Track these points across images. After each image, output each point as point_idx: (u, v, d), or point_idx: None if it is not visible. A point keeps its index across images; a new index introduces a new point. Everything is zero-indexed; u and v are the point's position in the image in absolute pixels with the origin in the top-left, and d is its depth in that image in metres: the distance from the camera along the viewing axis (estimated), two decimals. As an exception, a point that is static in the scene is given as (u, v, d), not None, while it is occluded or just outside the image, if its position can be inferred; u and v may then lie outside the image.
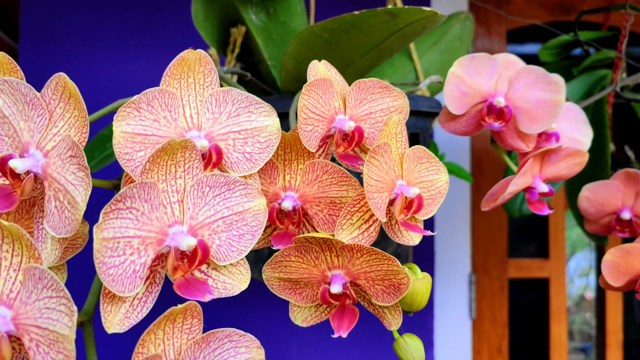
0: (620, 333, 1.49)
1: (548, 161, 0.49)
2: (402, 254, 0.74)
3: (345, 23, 0.54)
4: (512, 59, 0.48)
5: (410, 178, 0.46)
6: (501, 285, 1.40)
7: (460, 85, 0.47)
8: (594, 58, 0.87)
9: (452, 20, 0.88)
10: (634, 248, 0.58)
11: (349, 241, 0.44)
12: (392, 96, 0.48)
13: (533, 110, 0.47)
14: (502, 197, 0.47)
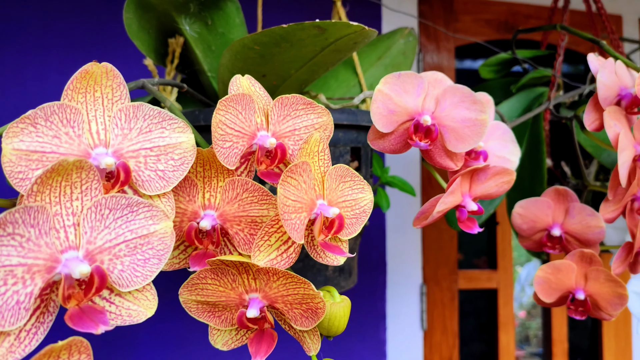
0: (566, 342, 1.52)
1: (477, 180, 0.49)
2: (345, 269, 0.72)
3: (275, 36, 0.53)
4: (439, 77, 0.47)
5: (332, 197, 0.45)
6: (452, 296, 1.40)
7: (387, 103, 0.46)
8: (531, 76, 0.89)
9: (395, 35, 0.88)
10: (564, 265, 0.59)
11: (267, 264, 0.42)
12: (316, 113, 0.47)
13: (460, 129, 0.46)
14: (431, 216, 0.47)
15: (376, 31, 0.55)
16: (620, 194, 0.58)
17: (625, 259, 0.59)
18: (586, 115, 0.56)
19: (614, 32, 1.00)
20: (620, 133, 0.53)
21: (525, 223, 0.62)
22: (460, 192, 0.48)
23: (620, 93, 0.57)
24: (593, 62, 0.57)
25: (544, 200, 0.61)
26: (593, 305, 0.58)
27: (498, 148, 0.52)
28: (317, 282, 0.68)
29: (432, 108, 0.47)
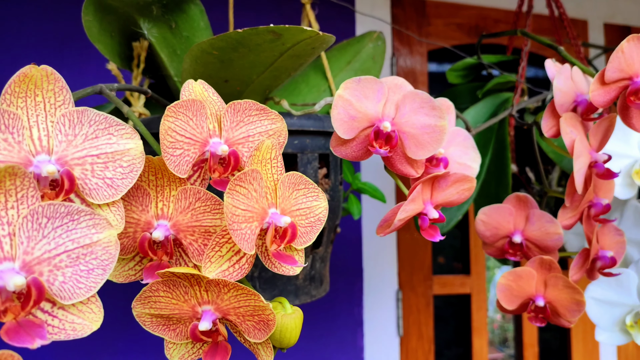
0: (536, 345, 1.53)
1: (438, 187, 0.49)
2: (316, 277, 0.72)
3: (232, 41, 0.52)
4: (399, 82, 0.47)
5: (285, 206, 0.44)
6: (427, 302, 1.41)
7: (348, 109, 0.46)
8: (496, 81, 0.90)
9: (364, 39, 0.88)
10: (524, 272, 0.59)
11: (218, 275, 0.41)
12: (270, 119, 0.46)
13: (419, 136, 0.46)
14: (393, 224, 0.46)
15: (333, 37, 0.54)
16: (577, 201, 0.58)
17: (582, 266, 0.59)
18: (544, 121, 0.57)
19: (576, 37, 1.02)
20: (576, 140, 0.54)
21: (488, 230, 0.62)
22: (421, 199, 0.48)
23: (577, 99, 0.57)
24: (550, 68, 0.58)
25: (506, 207, 0.61)
26: (552, 312, 0.59)
27: (459, 155, 0.52)
28: (287, 291, 0.67)
29: (392, 114, 0.46)
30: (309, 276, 0.70)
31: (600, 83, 0.53)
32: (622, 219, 0.76)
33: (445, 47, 1.46)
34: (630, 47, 0.51)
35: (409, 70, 1.42)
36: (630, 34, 0.50)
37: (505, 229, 0.61)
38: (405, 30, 1.39)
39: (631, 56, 0.51)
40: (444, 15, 1.47)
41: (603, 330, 0.71)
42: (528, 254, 0.61)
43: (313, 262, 0.70)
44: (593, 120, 0.58)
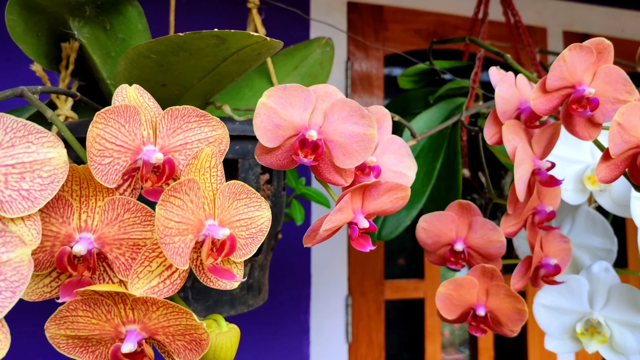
0: (492, 350, 1.55)
1: (369, 196, 0.47)
2: (254, 286, 0.70)
3: (173, 45, 0.50)
4: (330, 90, 0.46)
5: (225, 217, 0.42)
6: (378, 307, 1.40)
7: (272, 117, 0.44)
8: (449, 87, 0.90)
9: (312, 45, 0.87)
10: (465, 280, 0.59)
11: (147, 292, 0.39)
12: (210, 125, 0.44)
13: (347, 145, 0.45)
14: (318, 235, 0.45)
15: (281, 43, 0.53)
16: (520, 208, 0.58)
17: (524, 274, 0.59)
18: (486, 128, 0.57)
19: (531, 44, 1.04)
20: (518, 147, 0.54)
21: (429, 238, 0.62)
22: (351, 209, 0.46)
23: (520, 107, 0.57)
24: (494, 75, 0.57)
25: (448, 214, 0.61)
26: (494, 321, 0.59)
27: (394, 163, 0.51)
28: (222, 301, 0.65)
29: (320, 122, 0.45)
30: (246, 285, 0.68)
31: (542, 91, 0.53)
32: (574, 224, 0.77)
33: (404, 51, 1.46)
34: (572, 56, 0.51)
35: (364, 75, 1.42)
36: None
37: (447, 236, 0.61)
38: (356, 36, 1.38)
39: (573, 65, 0.51)
40: (402, 20, 1.47)
41: (553, 338, 0.71)
42: (471, 262, 0.61)
43: (252, 270, 0.68)
44: (537, 128, 0.58)
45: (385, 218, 0.90)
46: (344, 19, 1.39)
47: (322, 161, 0.47)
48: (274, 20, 1.25)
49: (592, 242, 0.73)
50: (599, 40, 0.51)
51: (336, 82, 1.38)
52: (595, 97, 0.50)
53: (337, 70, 1.38)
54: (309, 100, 0.45)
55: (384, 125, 0.53)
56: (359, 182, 0.48)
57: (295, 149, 0.44)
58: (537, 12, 1.61)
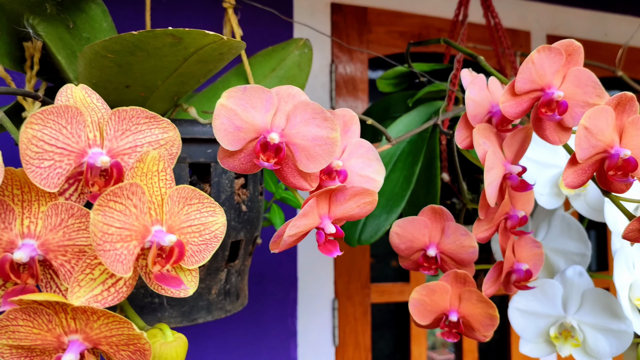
0: (476, 351, 1.54)
1: (336, 201, 0.46)
2: (231, 291, 0.68)
3: (128, 44, 0.48)
4: (293, 92, 0.44)
5: (174, 222, 0.41)
6: (364, 311, 1.39)
7: (233, 119, 0.42)
8: (428, 90, 0.89)
9: (290, 46, 0.85)
10: (438, 286, 0.57)
11: (89, 301, 0.37)
12: (161, 127, 0.43)
13: (311, 148, 0.43)
14: (283, 240, 0.43)
15: (242, 43, 0.51)
16: (492, 213, 0.57)
17: (496, 279, 0.58)
18: (457, 132, 0.55)
19: (510, 47, 1.03)
20: (489, 151, 0.53)
21: (402, 243, 0.60)
22: (316, 214, 0.45)
23: (492, 110, 0.56)
24: (465, 78, 0.56)
25: (421, 219, 0.59)
26: (467, 327, 0.57)
27: (361, 167, 0.50)
28: (198, 307, 0.64)
29: (282, 125, 0.44)
30: (223, 290, 0.67)
31: (511, 94, 0.51)
32: (550, 229, 0.76)
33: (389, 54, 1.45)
34: (541, 58, 0.50)
35: (348, 78, 1.41)
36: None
37: (420, 241, 0.60)
38: (340, 40, 1.37)
39: (542, 67, 0.50)
40: (386, 23, 1.46)
41: (527, 341, 0.70)
42: (444, 267, 0.60)
43: (228, 275, 0.67)
44: (509, 132, 0.57)
45: (365, 222, 0.89)
46: (327, 21, 1.38)
47: (286, 165, 0.45)
48: (257, 22, 1.24)
49: (567, 246, 0.72)
50: (568, 42, 0.50)
51: (320, 86, 1.37)
52: (564, 101, 0.49)
53: (321, 73, 1.37)
54: (271, 101, 0.44)
55: (351, 129, 0.52)
56: (325, 186, 0.46)
57: (257, 152, 0.43)
58: (520, 15, 1.61)
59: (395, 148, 0.94)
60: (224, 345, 1.21)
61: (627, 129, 0.46)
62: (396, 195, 0.88)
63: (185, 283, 0.41)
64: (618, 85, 1.64)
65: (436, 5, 1.51)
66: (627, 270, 0.65)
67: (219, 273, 0.66)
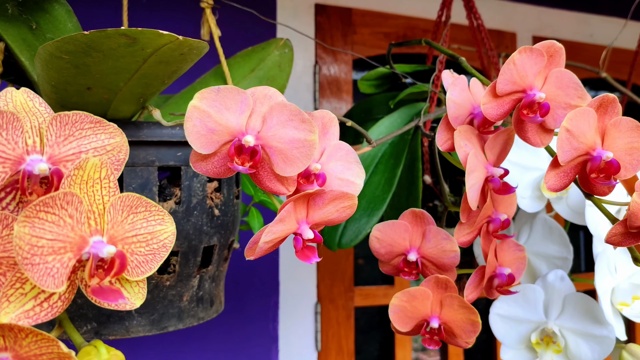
0: (462, 355, 1.53)
1: (314, 205, 0.45)
2: (205, 298, 0.66)
3: (81, 44, 0.46)
4: (269, 93, 0.43)
5: (117, 232, 0.39)
6: (347, 314, 1.38)
7: (206, 121, 0.41)
8: (410, 91, 0.88)
9: (270, 46, 0.84)
10: (419, 292, 0.56)
11: (19, 317, 0.35)
12: (107, 132, 0.41)
13: (287, 151, 0.42)
14: (258, 247, 0.42)
15: (203, 43, 0.50)
16: (474, 216, 0.56)
17: (478, 284, 0.57)
18: (438, 134, 0.54)
19: (493, 48, 1.02)
20: (470, 153, 0.51)
21: (383, 247, 0.59)
22: (294, 219, 0.44)
23: (473, 112, 0.55)
24: (447, 79, 0.55)
25: (401, 223, 0.58)
26: (448, 333, 0.56)
27: (340, 170, 0.48)
28: (169, 315, 0.62)
29: (258, 127, 0.42)
30: (196, 297, 0.65)
31: (493, 95, 0.50)
32: (532, 232, 0.75)
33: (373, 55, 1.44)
34: (523, 59, 0.49)
35: (333, 79, 1.39)
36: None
37: (400, 246, 0.58)
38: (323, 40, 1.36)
39: (523, 68, 0.49)
40: (371, 24, 1.46)
41: (508, 348, 0.69)
42: (425, 272, 0.59)
43: (201, 281, 0.65)
44: (491, 134, 0.56)
45: (345, 225, 0.87)
46: (311, 22, 1.36)
47: (262, 168, 0.44)
48: (241, 23, 1.22)
49: (549, 250, 0.72)
50: (550, 43, 0.49)
51: (304, 87, 1.36)
52: (546, 102, 0.48)
53: (305, 74, 1.36)
54: (246, 103, 0.42)
55: (330, 131, 0.50)
56: (303, 190, 0.45)
57: (231, 155, 0.41)
58: (506, 16, 1.61)
59: (377, 150, 0.93)
60: (203, 352, 1.18)
61: (609, 131, 0.45)
62: (377, 198, 0.87)
63: (129, 295, 0.39)
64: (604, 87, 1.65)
65: (422, 6, 1.51)
66: (609, 274, 0.65)
67: (191, 279, 0.64)
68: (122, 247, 0.38)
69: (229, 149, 0.41)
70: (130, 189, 0.57)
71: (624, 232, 0.43)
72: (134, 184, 0.57)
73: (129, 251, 0.39)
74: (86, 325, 0.58)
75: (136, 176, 0.58)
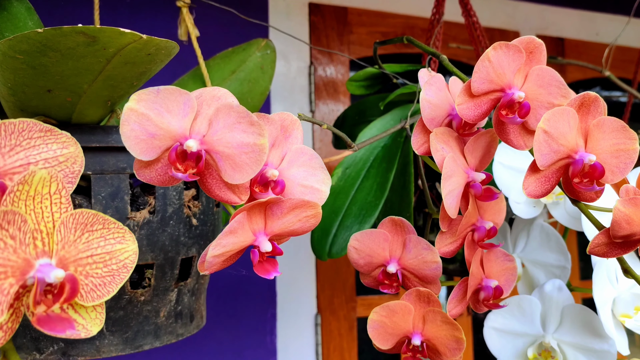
0: None
1: (272, 215, 0.41)
2: (184, 313, 0.63)
3: (35, 43, 0.43)
4: (218, 94, 0.40)
5: (69, 253, 0.36)
6: (350, 326, 1.34)
7: (145, 125, 0.38)
8: (400, 92, 0.84)
9: (251, 47, 0.81)
10: (399, 306, 0.53)
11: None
12: (59, 142, 0.38)
13: (236, 156, 0.39)
14: (207, 262, 0.39)
15: (170, 42, 0.47)
16: (455, 225, 0.52)
17: (462, 298, 0.53)
18: (414, 137, 0.51)
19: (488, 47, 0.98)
20: (447, 157, 0.48)
21: (361, 258, 0.55)
22: (249, 230, 0.40)
23: (452, 112, 0.51)
24: (423, 78, 0.51)
25: (380, 232, 0.55)
26: (432, 351, 0.52)
27: (303, 176, 0.45)
28: (144, 332, 0.59)
29: (203, 131, 0.39)
30: (174, 312, 0.62)
31: (469, 95, 0.47)
32: (529, 239, 0.71)
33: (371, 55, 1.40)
34: (499, 56, 0.45)
35: (329, 81, 1.36)
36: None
37: (380, 256, 0.55)
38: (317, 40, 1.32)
39: (500, 65, 0.45)
40: (368, 23, 1.42)
41: (505, 363, 0.65)
42: (407, 284, 0.55)
43: (180, 295, 0.62)
44: (472, 136, 0.52)
45: (335, 233, 0.84)
46: (305, 22, 1.33)
47: (209, 176, 0.41)
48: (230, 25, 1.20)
49: (547, 258, 0.67)
50: (529, 39, 0.45)
51: (299, 89, 1.32)
52: (526, 102, 0.44)
53: (299, 75, 1.33)
54: (189, 104, 0.39)
55: (292, 134, 0.47)
56: (255, 199, 0.42)
57: (172, 161, 0.38)
58: (508, 15, 1.56)
59: (369, 154, 0.89)
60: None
61: (592, 132, 0.41)
62: (369, 204, 0.84)
63: (84, 322, 0.36)
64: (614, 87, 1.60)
65: (420, 4, 1.47)
66: (610, 283, 0.60)
67: (168, 293, 0.61)
68: (75, 270, 0.35)
69: (169, 154, 0.38)
70: (99, 197, 0.54)
71: (608, 242, 0.39)
72: (103, 192, 0.55)
73: (84, 274, 0.36)
74: (52, 346, 0.55)
75: (105, 184, 0.55)
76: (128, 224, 0.56)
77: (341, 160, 0.89)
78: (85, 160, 0.56)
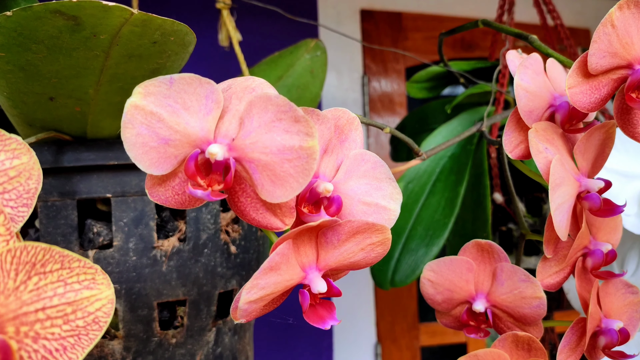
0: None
1: (326, 243, 0.31)
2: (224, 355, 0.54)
3: (9, 32, 0.34)
4: (254, 84, 0.30)
5: (8, 307, 0.25)
6: (412, 355, 1.21)
7: (156, 127, 0.28)
8: (469, 92, 0.73)
9: (299, 50, 0.72)
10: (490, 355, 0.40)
11: None
12: (7, 150, 0.29)
13: (276, 165, 0.28)
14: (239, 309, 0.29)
15: (185, 27, 0.37)
16: (563, 248, 0.40)
17: (577, 345, 0.41)
18: (506, 137, 0.39)
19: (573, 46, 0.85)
20: (553, 160, 0.36)
21: (439, 294, 0.44)
22: (296, 264, 0.30)
23: (554, 102, 0.40)
24: (512, 61, 0.40)
25: (463, 260, 0.43)
26: (537, 414, 0.40)
27: (366, 190, 0.34)
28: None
29: (232, 133, 0.29)
30: (212, 356, 0.53)
31: (583, 75, 0.35)
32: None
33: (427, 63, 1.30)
34: (626, 19, 0.34)
35: (383, 93, 1.26)
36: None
37: (463, 291, 0.43)
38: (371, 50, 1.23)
39: (627, 32, 0.34)
40: (424, 28, 1.32)
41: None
42: (499, 326, 0.43)
43: (219, 335, 0.53)
44: (581, 132, 0.40)
45: (399, 258, 0.74)
46: (357, 29, 1.24)
47: (242, 193, 0.31)
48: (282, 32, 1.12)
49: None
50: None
51: (352, 102, 1.23)
52: (667, 77, 0.32)
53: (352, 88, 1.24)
54: (213, 98, 0.29)
55: (350, 137, 0.36)
56: (304, 222, 0.31)
57: (190, 174, 0.28)
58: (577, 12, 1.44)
59: (435, 165, 0.78)
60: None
61: None
62: (437, 223, 0.73)
63: None
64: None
65: (479, 6, 1.35)
66: None
67: (205, 334, 0.52)
68: (16, 331, 0.25)
69: (185, 164, 0.28)
70: (121, 224, 0.46)
71: None
72: (125, 217, 0.47)
73: (31, 336, 0.25)
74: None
75: (128, 208, 0.47)
76: (154, 254, 0.47)
77: (402, 174, 0.78)
78: (104, 181, 0.48)
